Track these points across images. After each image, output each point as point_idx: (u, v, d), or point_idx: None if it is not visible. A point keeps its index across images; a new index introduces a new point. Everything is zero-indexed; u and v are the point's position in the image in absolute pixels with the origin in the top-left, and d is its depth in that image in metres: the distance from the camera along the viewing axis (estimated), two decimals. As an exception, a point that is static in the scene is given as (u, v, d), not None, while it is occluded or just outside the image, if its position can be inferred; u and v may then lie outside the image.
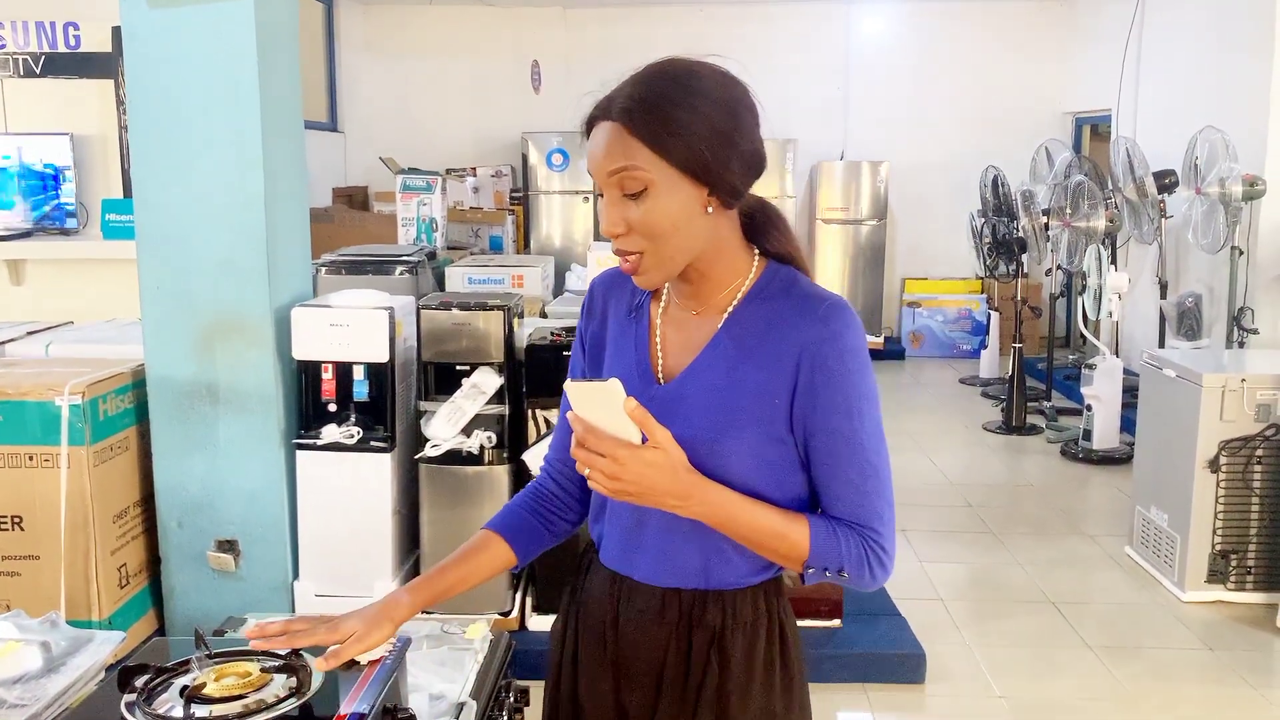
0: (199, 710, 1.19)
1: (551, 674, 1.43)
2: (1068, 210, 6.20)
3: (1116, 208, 6.26)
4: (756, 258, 1.28)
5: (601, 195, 1.20)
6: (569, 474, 1.43)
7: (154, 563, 3.22)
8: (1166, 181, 5.94)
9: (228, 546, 3.18)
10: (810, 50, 8.69)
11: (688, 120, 1.14)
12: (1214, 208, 5.42)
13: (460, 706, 1.44)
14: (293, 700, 1.22)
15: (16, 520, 2.91)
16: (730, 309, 1.25)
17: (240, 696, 1.22)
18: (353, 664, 1.33)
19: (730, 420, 1.21)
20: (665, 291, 1.33)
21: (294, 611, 3.18)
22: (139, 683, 1.26)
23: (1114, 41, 7.39)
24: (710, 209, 1.19)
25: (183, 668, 1.30)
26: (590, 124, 1.20)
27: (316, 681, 1.26)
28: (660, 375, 1.29)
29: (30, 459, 2.91)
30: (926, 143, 8.68)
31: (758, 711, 1.28)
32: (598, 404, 1.14)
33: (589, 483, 1.18)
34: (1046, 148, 7.44)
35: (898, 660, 3.20)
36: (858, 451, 1.20)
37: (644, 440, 1.14)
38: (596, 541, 1.39)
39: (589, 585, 1.38)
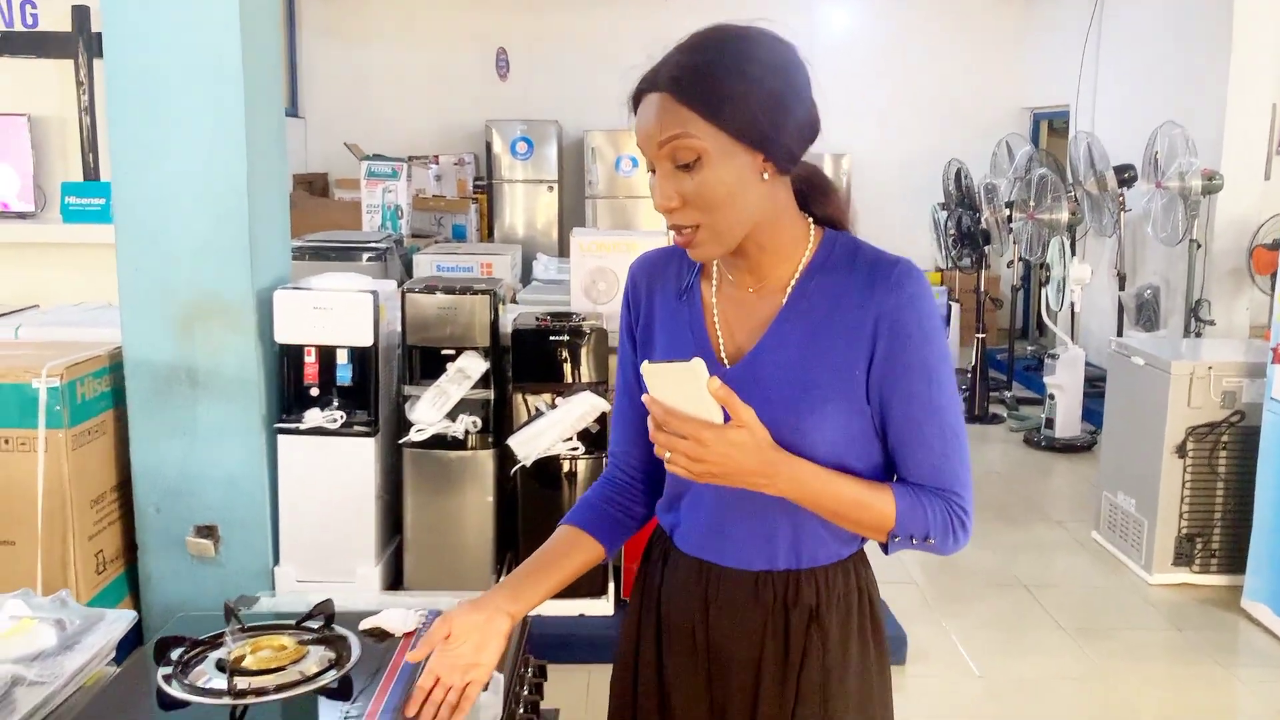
0: (241, 682, 1.18)
1: (625, 672, 1.37)
2: (1031, 203, 6.30)
3: (1077, 201, 6.38)
4: (812, 226, 1.23)
5: (652, 170, 1.15)
6: (635, 462, 1.38)
7: (131, 549, 3.17)
8: (1126, 176, 6.07)
9: (207, 532, 3.13)
10: (774, 42, 8.72)
11: (740, 85, 1.11)
12: (1173, 201, 5.55)
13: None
14: (333, 671, 1.21)
15: (-9, 505, 2.85)
16: (793, 283, 1.21)
17: (280, 669, 1.21)
18: (384, 636, 1.33)
19: (811, 396, 1.17)
20: (715, 270, 1.27)
21: (274, 590, 3.15)
22: (174, 655, 1.25)
23: (1073, 38, 7.52)
24: (766, 175, 1.14)
25: (217, 641, 1.29)
26: (637, 98, 1.16)
27: (355, 653, 1.25)
28: (724, 357, 1.24)
29: (5, 442, 2.84)
30: (888, 136, 8.78)
31: (856, 687, 1.26)
32: (677, 385, 1.08)
33: (668, 466, 1.11)
34: (1007, 142, 7.54)
35: (879, 642, 3.24)
36: (937, 415, 1.18)
37: (726, 419, 1.09)
38: (669, 530, 1.33)
39: (670, 577, 1.31)
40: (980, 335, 6.37)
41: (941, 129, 8.63)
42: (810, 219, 1.24)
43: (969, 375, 6.47)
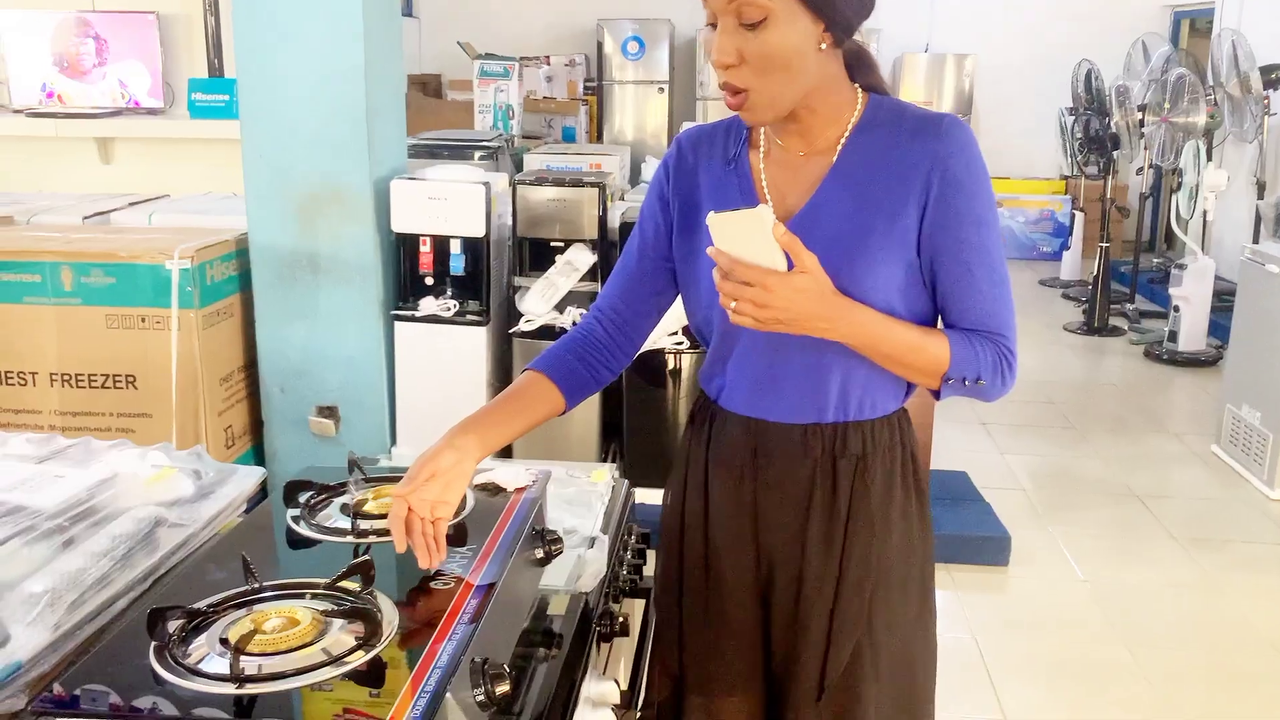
0: (363, 524, 1.25)
1: (672, 535, 1.41)
2: (1166, 105, 5.98)
3: (1216, 104, 6.03)
4: (859, 92, 1.26)
5: (713, 25, 1.16)
6: (619, 321, 1.40)
7: (257, 426, 3.33)
8: (1273, 77, 5.71)
9: (328, 412, 3.27)
10: (896, -64, 8.38)
11: None
12: (1324, 103, 5.20)
13: (593, 540, 1.49)
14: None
15: (130, 379, 3.02)
16: (843, 141, 1.24)
17: (398, 513, 1.27)
18: (497, 491, 1.38)
19: (864, 245, 1.20)
20: (763, 138, 1.30)
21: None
22: (302, 499, 1.32)
23: (1222, -72, 7.03)
24: (825, 46, 1.16)
25: (341, 488, 1.36)
26: None
27: (470, 503, 1.31)
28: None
29: (142, 320, 2.99)
30: (1016, 36, 8.39)
31: (899, 537, 1.30)
32: (743, 234, 1.10)
33: (733, 318, 1.14)
34: (1144, 42, 7.15)
35: (983, 542, 3.23)
36: (986, 260, 1.22)
37: (789, 267, 1.12)
38: (715, 395, 1.36)
39: (716, 435, 1.35)
40: (1104, 245, 6.13)
41: (1073, 29, 8.20)
42: (857, 86, 1.26)
43: (1090, 286, 6.26)
